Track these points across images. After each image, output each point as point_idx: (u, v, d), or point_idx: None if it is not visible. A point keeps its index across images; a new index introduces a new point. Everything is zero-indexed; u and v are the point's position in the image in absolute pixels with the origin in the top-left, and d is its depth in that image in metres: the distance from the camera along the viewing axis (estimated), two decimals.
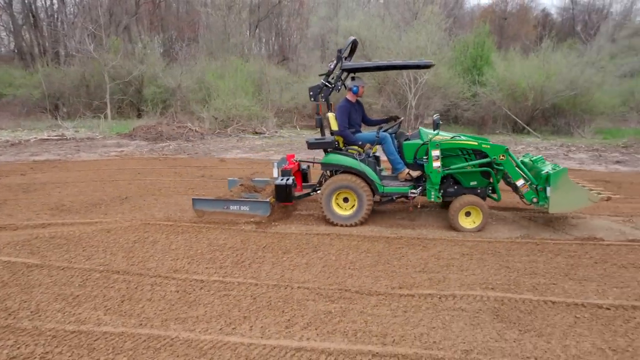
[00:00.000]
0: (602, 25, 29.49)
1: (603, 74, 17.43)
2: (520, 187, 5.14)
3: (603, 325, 3.06)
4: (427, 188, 5.30)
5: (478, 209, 5.13)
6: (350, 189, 5.30)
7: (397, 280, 3.77)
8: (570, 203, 5.11)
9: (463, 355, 2.68)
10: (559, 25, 36.19)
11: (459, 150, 5.25)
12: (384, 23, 19.21)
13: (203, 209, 5.53)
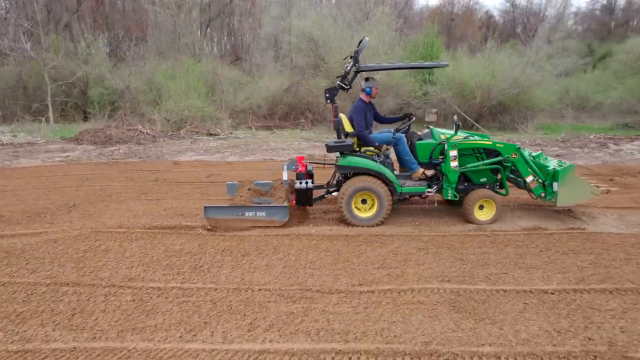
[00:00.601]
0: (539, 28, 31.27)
1: (542, 73, 18.46)
2: (529, 183, 5.41)
3: (549, 309, 3.26)
4: (444, 187, 5.45)
5: (492, 201, 5.39)
6: (371, 190, 5.27)
7: (357, 278, 3.83)
8: (575, 197, 5.46)
9: (423, 347, 2.77)
10: (501, 27, 38.07)
11: (471, 149, 5.47)
12: (337, 23, 19.39)
13: (216, 217, 5.17)
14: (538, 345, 2.80)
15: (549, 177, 5.36)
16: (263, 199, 5.79)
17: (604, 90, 19.91)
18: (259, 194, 5.92)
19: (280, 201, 5.57)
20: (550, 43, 26.29)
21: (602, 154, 11.29)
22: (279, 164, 10.02)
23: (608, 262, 4.14)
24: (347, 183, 5.33)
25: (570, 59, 23.74)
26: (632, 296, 3.48)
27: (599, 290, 3.57)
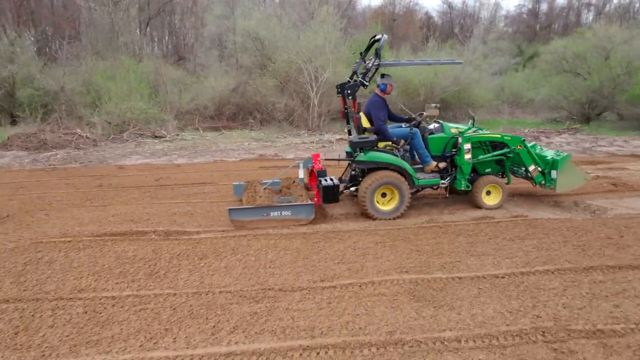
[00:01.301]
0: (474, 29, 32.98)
1: (479, 71, 19.54)
2: (532, 172, 5.89)
3: (500, 292, 3.46)
4: (458, 178, 5.78)
5: (498, 187, 5.82)
6: (393, 184, 5.44)
7: (318, 274, 3.86)
8: (572, 183, 6.01)
9: (387, 336, 2.85)
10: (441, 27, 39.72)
11: (478, 142, 5.85)
12: (282, 22, 19.36)
13: (241, 219, 5.13)
14: (493, 326, 2.96)
15: (548, 166, 5.85)
16: (284, 198, 5.78)
17: (534, 88, 21.39)
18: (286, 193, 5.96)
19: (301, 199, 5.57)
20: (485, 43, 27.81)
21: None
22: (231, 165, 9.86)
23: (549, 246, 4.47)
24: (369, 178, 5.44)
25: (504, 59, 25.28)
26: (570, 275, 3.77)
27: (543, 271, 3.84)
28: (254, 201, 5.48)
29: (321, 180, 5.62)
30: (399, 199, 5.49)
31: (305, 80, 16.50)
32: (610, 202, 6.18)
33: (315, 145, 12.99)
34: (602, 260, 4.07)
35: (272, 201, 5.57)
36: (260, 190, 5.89)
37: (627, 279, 3.69)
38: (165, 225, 5.22)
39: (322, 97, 16.71)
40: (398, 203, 5.50)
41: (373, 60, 5.54)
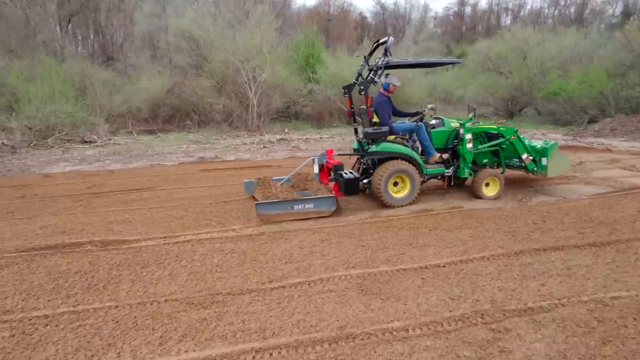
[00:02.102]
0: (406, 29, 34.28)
1: (412, 70, 20.31)
2: (525, 160, 6.43)
3: (442, 281, 3.65)
4: (461, 166, 6.22)
5: (496, 179, 6.31)
6: (405, 172, 5.84)
7: (266, 275, 3.84)
8: (560, 168, 6.71)
9: (339, 331, 2.90)
10: (374, 28, 40.82)
11: (476, 133, 6.32)
12: (216, 22, 18.94)
13: (267, 212, 5.34)
14: (438, 313, 3.12)
15: (538, 154, 6.45)
16: (304, 193, 5.98)
17: (463, 86, 22.65)
18: (299, 188, 6.17)
19: (320, 193, 5.74)
20: (416, 43, 28.99)
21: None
22: (169, 169, 9.51)
23: (483, 234, 4.77)
24: (382, 167, 5.77)
25: (434, 58, 26.45)
26: (504, 260, 4.06)
27: (479, 258, 4.09)
28: (273, 196, 5.64)
29: (342, 174, 5.93)
30: (410, 186, 5.91)
31: (243, 80, 16.29)
32: (533, 191, 6.73)
33: (256, 146, 12.87)
34: (529, 244, 4.42)
35: (294, 196, 5.74)
36: (278, 186, 6.07)
37: (551, 260, 4.04)
38: (102, 235, 4.94)
39: (262, 98, 16.58)
40: (410, 190, 5.92)
41: (382, 59, 5.89)
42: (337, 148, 12.02)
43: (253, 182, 6.48)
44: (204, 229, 5.16)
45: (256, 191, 6.30)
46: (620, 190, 6.68)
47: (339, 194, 5.89)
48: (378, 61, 5.94)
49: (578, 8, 45.30)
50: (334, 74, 18.08)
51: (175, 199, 6.65)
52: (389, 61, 5.90)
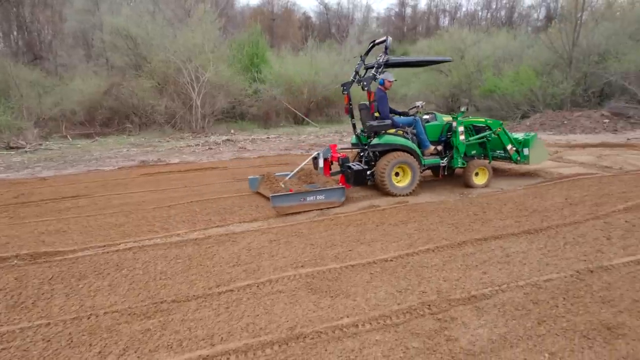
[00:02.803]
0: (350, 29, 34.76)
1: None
2: (509, 150, 7.01)
3: (390, 275, 3.71)
4: (455, 157, 6.71)
5: (485, 169, 6.82)
6: (407, 163, 6.22)
7: (213, 280, 3.72)
8: (540, 157, 7.32)
9: (289, 332, 2.86)
10: (318, 28, 41.08)
11: (466, 127, 6.82)
12: (155, 20, 18.22)
13: (282, 205, 5.55)
14: (386, 307, 3.17)
15: (521, 145, 7.04)
16: (313, 185, 6.23)
17: (406, 84, 23.29)
18: (306, 182, 6.42)
19: (328, 185, 6.05)
20: (360, 43, 29.45)
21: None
22: (108, 174, 9.01)
23: (428, 227, 4.92)
24: (385, 159, 6.13)
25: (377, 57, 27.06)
26: (448, 251, 4.21)
27: (425, 250, 4.21)
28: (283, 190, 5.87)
29: (350, 165, 6.32)
30: (411, 176, 6.28)
31: (185, 80, 15.79)
32: None
33: (201, 147, 12.52)
34: (471, 235, 4.61)
35: (305, 188, 6.01)
36: (286, 180, 6.35)
37: (491, 249, 4.23)
38: (31, 248, 4.58)
39: (206, 98, 16.15)
40: (411, 180, 6.29)
41: (383, 57, 6.23)
42: (283, 147, 11.96)
43: (257, 179, 6.68)
44: (146, 236, 4.92)
45: (261, 187, 6.52)
46: (550, 180, 7.16)
47: (346, 185, 6.23)
48: (379, 59, 6.28)
49: (507, 12, 48.22)
50: (279, 74, 17.99)
51: (114, 205, 6.31)
52: (389, 59, 6.26)
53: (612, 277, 3.58)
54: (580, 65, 18.63)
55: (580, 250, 4.14)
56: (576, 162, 8.36)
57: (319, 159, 6.64)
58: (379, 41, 6.60)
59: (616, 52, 18.08)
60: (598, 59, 18.46)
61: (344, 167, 6.43)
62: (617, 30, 18.91)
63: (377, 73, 6.24)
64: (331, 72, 18.08)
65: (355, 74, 6.61)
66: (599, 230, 4.67)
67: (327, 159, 6.70)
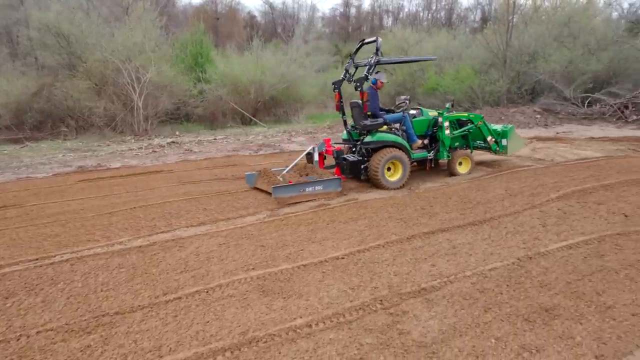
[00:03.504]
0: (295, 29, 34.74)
1: (304, 69, 20.67)
2: (489, 141, 7.64)
3: (342, 272, 3.71)
4: (441, 150, 7.22)
5: (468, 159, 7.51)
6: (398, 158, 6.56)
7: (159, 288, 3.55)
8: (517, 147, 8.11)
9: (241, 337, 2.78)
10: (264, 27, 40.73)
11: (451, 121, 7.31)
12: (90, 17, 17.20)
13: (282, 195, 5.90)
14: (339, 304, 3.16)
15: (499, 136, 7.69)
16: (311, 177, 6.47)
17: None
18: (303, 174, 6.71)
19: (325, 176, 6.40)
20: (306, 43, 29.51)
21: None
22: (41, 182, 8.39)
23: (378, 223, 4.98)
24: (378, 155, 6.45)
25: (324, 57, 27.24)
26: (397, 245, 4.28)
27: (375, 246, 4.26)
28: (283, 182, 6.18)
29: (346, 157, 6.69)
30: (402, 170, 6.62)
31: (125, 81, 15.05)
32: (420, 179, 7.24)
33: (144, 151, 11.99)
34: (419, 229, 4.73)
35: (304, 179, 6.37)
36: (284, 173, 6.64)
37: (439, 241, 4.36)
38: None
39: (148, 99, 15.48)
40: (402, 174, 6.63)
41: (374, 58, 6.49)
42: (231, 149, 11.73)
43: (254, 174, 6.87)
44: (85, 245, 4.62)
45: (258, 182, 6.72)
46: (491, 173, 7.51)
47: (342, 176, 6.64)
48: (370, 59, 6.55)
49: (447, 13, 50.28)
50: (224, 74, 17.61)
51: (49, 215, 5.87)
52: (380, 59, 6.56)
53: (548, 262, 3.79)
54: (514, 65, 19.75)
55: (520, 239, 4.36)
56: (513, 155, 8.83)
57: (314, 153, 6.95)
58: (367, 41, 6.92)
59: (544, 52, 19.36)
60: (529, 59, 19.66)
61: (339, 159, 6.75)
62: (544, 33, 20.25)
63: (370, 73, 6.52)
64: (278, 72, 17.95)
65: (346, 72, 6.93)
66: (536, 219, 4.95)
67: (321, 152, 7.02)
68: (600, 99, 16.91)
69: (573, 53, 18.81)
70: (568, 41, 19.86)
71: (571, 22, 20.17)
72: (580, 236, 4.37)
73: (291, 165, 6.99)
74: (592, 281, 3.42)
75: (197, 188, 7.02)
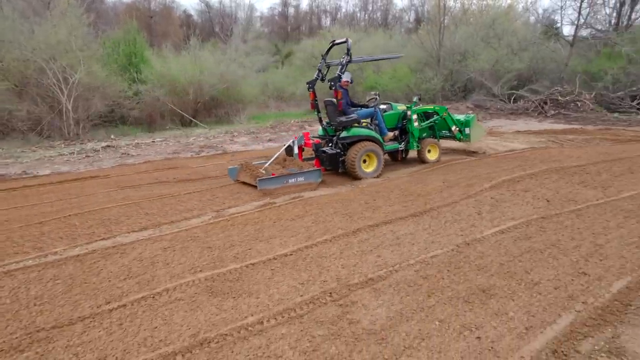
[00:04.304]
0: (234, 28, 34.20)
1: (244, 69, 20.41)
2: (454, 131, 8.35)
3: (291, 268, 3.75)
4: (410, 141, 7.82)
5: (436, 146, 8.18)
6: (373, 151, 7.08)
7: (102, 297, 3.39)
8: (479, 135, 8.81)
9: (192, 339, 2.73)
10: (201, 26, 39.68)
11: (418, 114, 7.94)
12: (3, 12, 15.85)
13: (268, 187, 6.21)
14: (290, 300, 3.19)
15: (463, 125, 8.38)
16: (292, 169, 6.79)
17: (293, 83, 23.68)
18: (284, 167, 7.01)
19: (306, 168, 6.77)
20: (245, 42, 29.17)
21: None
22: None
23: (324, 218, 5.07)
24: (354, 148, 6.89)
25: (264, 57, 27.07)
26: (344, 239, 4.39)
27: (323, 241, 4.33)
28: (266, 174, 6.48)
29: (325, 150, 7.10)
30: (377, 162, 7.14)
31: (51, 82, 14.04)
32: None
33: (76, 156, 11.27)
34: (364, 222, 4.87)
35: (286, 172, 6.70)
36: (267, 166, 6.90)
37: (383, 233, 4.52)
38: None
39: (78, 101, 14.54)
40: (376, 165, 7.15)
41: (345, 58, 7.02)
42: (171, 151, 11.36)
43: (236, 168, 7.09)
44: (13, 259, 4.28)
45: (241, 175, 6.94)
46: (429, 166, 7.87)
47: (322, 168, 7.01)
48: (342, 59, 7.06)
49: (383, 13, 51.77)
50: (161, 74, 16.95)
51: None
52: (351, 59, 7.08)
53: (484, 247, 4.07)
54: (447, 64, 20.80)
55: (458, 227, 4.63)
56: (449, 149, 9.31)
57: (294, 146, 7.31)
58: (338, 42, 7.44)
59: (473, 52, 20.56)
60: (460, 58, 20.80)
61: (318, 151, 7.20)
62: (472, 34, 21.51)
63: (342, 73, 6.98)
64: (217, 72, 17.56)
65: (318, 72, 7.42)
66: (472, 208, 5.27)
67: (300, 145, 7.40)
68: (523, 95, 18.25)
69: (499, 53, 20.14)
70: (494, 42, 21.23)
71: (495, 24, 21.57)
72: (511, 221, 4.72)
73: (272, 158, 7.26)
74: (521, 261, 3.72)
75: (137, 192, 6.74)
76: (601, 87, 17.36)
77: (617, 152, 8.52)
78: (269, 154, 9.83)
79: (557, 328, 2.74)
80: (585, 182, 6.30)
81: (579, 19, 20.09)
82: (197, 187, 6.85)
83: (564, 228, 4.48)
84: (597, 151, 8.78)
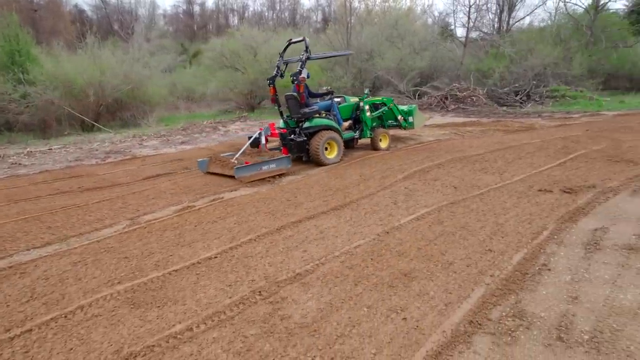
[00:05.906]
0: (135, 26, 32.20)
1: (149, 69, 19.31)
2: (400, 119, 9.34)
3: (217, 271, 3.66)
4: (364, 129, 8.71)
5: (387, 135, 9.17)
6: (334, 139, 7.84)
7: (1, 324, 3.02)
8: (420, 122, 10.14)
9: (115, 356, 2.55)
10: (97, 23, 36.70)
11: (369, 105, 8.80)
12: None
13: (244, 174, 6.62)
14: (218, 303, 3.12)
15: (406, 115, 9.41)
16: (263, 157, 7.24)
17: (203, 83, 22.95)
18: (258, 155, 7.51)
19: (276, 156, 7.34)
20: (149, 41, 27.62)
21: (217, 135, 13.16)
22: None
23: (246, 218, 5.01)
24: (317, 137, 7.56)
25: (170, 57, 25.87)
26: (269, 237, 4.38)
27: (247, 241, 4.28)
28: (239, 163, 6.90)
29: (293, 138, 7.57)
30: (337, 149, 7.89)
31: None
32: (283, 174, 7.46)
33: None
34: (287, 219, 4.90)
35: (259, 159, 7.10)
36: (237, 156, 7.33)
37: (307, 228, 4.59)
38: None
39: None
40: (337, 151, 7.90)
41: (304, 55, 7.57)
42: (73, 158, 10.42)
43: (205, 160, 7.45)
44: None
45: (211, 167, 7.32)
46: (346, 161, 8.14)
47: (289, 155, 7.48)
48: (301, 56, 7.59)
49: (291, 13, 52.18)
50: (53, 74, 15.40)
51: None
52: (310, 56, 7.65)
53: (402, 233, 4.32)
54: (355, 62, 21.55)
55: (377, 217, 4.85)
56: (363, 144, 9.69)
57: (261, 137, 7.85)
58: (294, 40, 8.00)
59: (379, 51, 21.57)
60: (367, 57, 21.68)
61: (285, 140, 7.69)
62: (377, 34, 22.56)
63: (303, 69, 7.49)
64: (120, 72, 16.38)
65: (277, 68, 8.01)
66: (388, 198, 5.56)
67: (267, 135, 7.95)
68: (427, 91, 19.60)
69: (402, 52, 21.36)
70: (397, 41, 22.48)
71: (398, 25, 22.86)
72: (424, 208, 5.07)
73: (241, 150, 7.67)
74: (437, 244, 4.01)
75: (35, 205, 6.07)
76: (491, 84, 19.25)
77: (508, 141, 9.53)
78: (183, 157, 9.45)
79: (471, 301, 3.01)
80: (485, 169, 6.96)
81: (468, 22, 22.05)
82: (106, 195, 6.37)
83: (470, 211, 4.92)
84: (492, 141, 9.73)
